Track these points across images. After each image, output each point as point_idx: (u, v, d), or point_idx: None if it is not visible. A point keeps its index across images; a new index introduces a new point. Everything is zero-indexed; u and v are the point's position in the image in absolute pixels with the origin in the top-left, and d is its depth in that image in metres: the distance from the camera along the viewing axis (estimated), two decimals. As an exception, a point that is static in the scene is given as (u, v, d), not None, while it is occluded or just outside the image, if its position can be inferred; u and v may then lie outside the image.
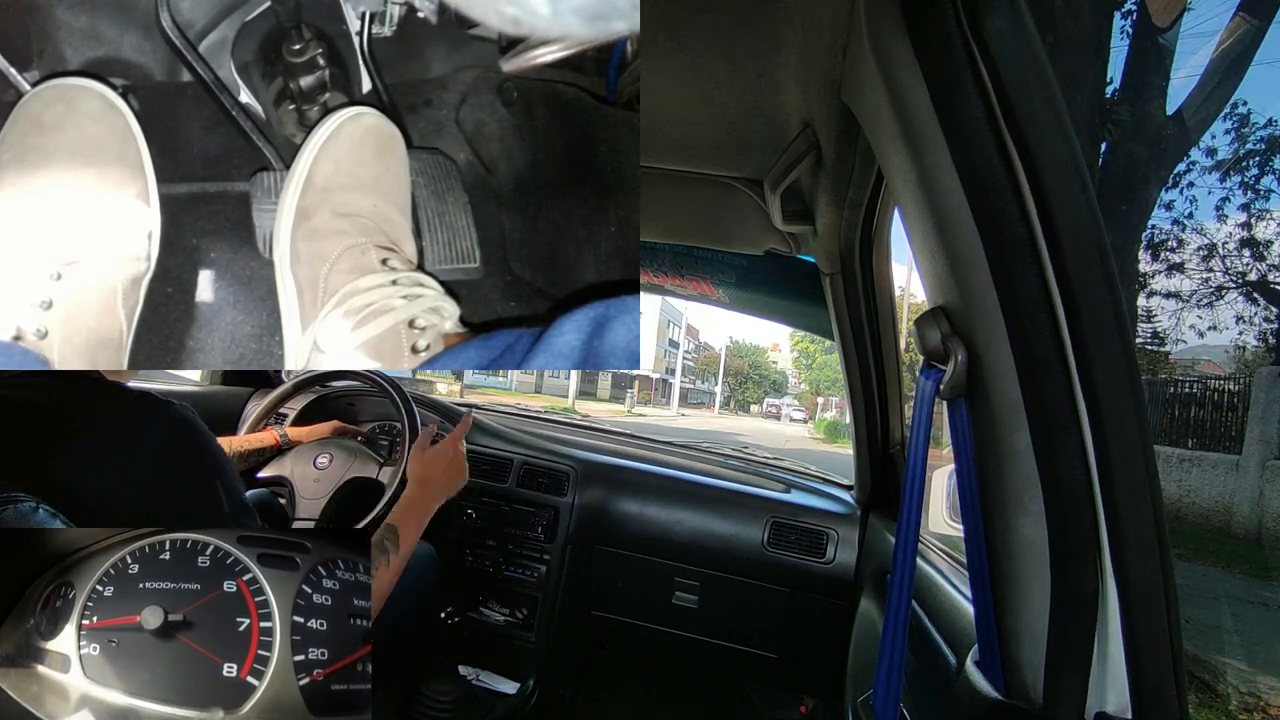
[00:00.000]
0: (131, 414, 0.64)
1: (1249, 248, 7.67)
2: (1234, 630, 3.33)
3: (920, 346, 0.45)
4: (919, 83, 0.41)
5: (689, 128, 0.83)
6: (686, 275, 1.40)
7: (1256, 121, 7.27)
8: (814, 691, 1.53)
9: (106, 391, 0.65)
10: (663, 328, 29.89)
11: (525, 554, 1.41)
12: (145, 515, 0.62)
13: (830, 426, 20.94)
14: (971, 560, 0.45)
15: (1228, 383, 6.54)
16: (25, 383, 0.61)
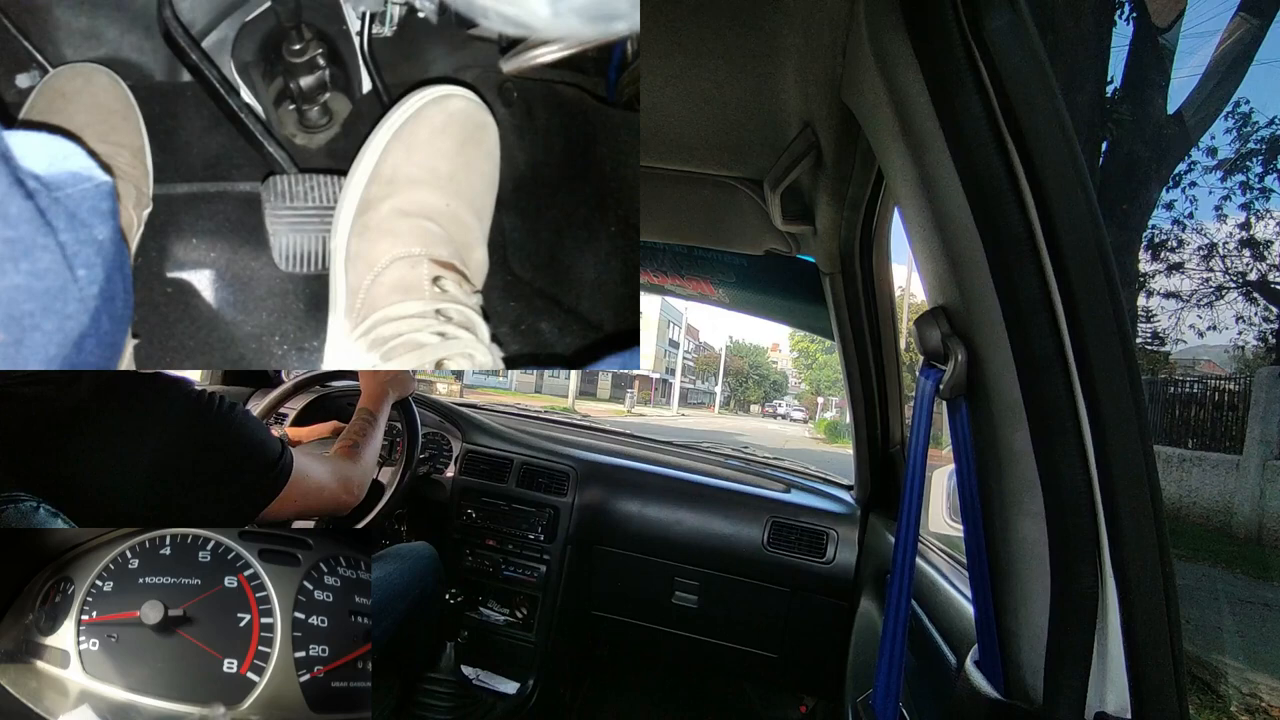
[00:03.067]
0: (143, 394, 0.65)
1: (1249, 247, 7.66)
2: (1235, 631, 3.32)
3: (920, 346, 0.45)
4: (919, 83, 0.41)
5: (689, 128, 0.83)
6: (686, 275, 1.40)
7: (1257, 121, 7.28)
8: (814, 691, 1.53)
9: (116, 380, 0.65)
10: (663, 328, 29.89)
11: (525, 554, 1.41)
12: (175, 493, 0.62)
13: (830, 426, 20.93)
14: (971, 560, 0.45)
15: (1228, 383, 6.53)
16: (25, 381, 0.61)
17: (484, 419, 1.55)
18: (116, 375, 0.65)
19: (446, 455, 1.48)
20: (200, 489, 0.64)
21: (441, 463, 1.47)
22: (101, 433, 0.61)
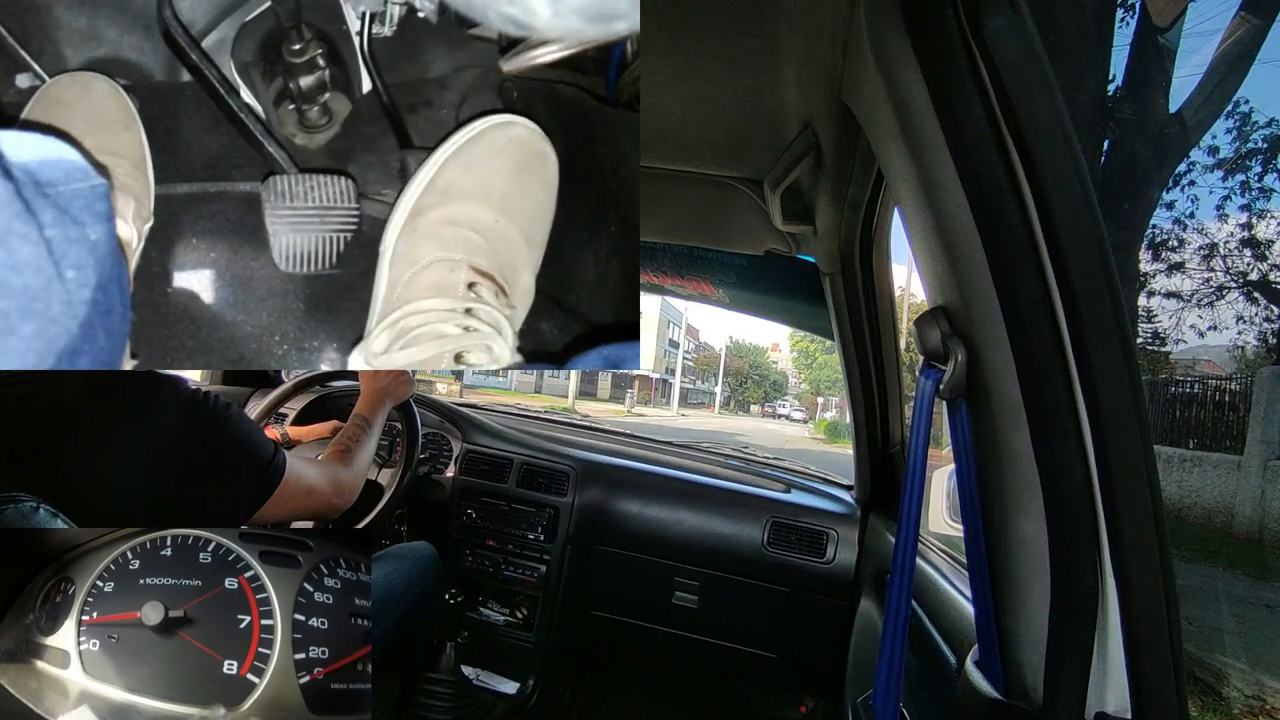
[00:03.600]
0: (140, 392, 0.65)
1: (1250, 247, 7.65)
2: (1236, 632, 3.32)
3: (920, 346, 0.45)
4: (919, 83, 0.41)
5: (689, 128, 0.83)
6: (686, 275, 1.40)
7: (1258, 120, 7.27)
8: (814, 691, 1.53)
9: (113, 379, 0.65)
10: (663, 328, 29.89)
11: (525, 554, 1.41)
12: (169, 490, 0.62)
13: (830, 426, 20.93)
14: (971, 560, 0.45)
15: (1229, 383, 6.53)
16: (25, 380, 0.61)
17: (484, 419, 1.55)
18: (110, 374, 0.65)
19: (446, 455, 1.48)
20: (194, 488, 0.64)
21: (441, 463, 1.47)
22: (94, 432, 0.61)
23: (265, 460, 0.72)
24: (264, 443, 0.73)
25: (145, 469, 0.62)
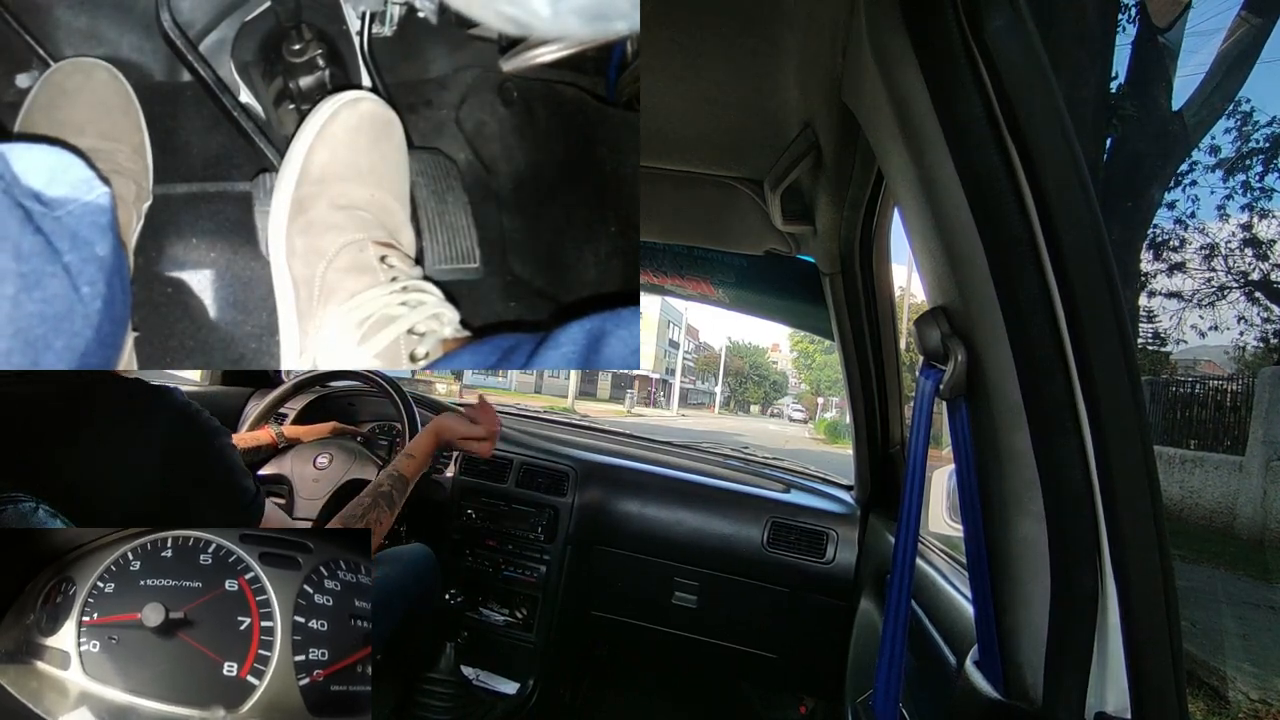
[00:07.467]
0: (130, 404, 0.64)
1: (1251, 247, 7.65)
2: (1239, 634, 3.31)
3: (920, 346, 0.45)
4: (919, 83, 0.41)
5: (689, 128, 0.83)
6: (686, 275, 1.40)
7: (1259, 120, 7.27)
8: (814, 691, 1.53)
9: (105, 385, 0.65)
10: (663, 328, 29.89)
11: (525, 554, 1.41)
12: (149, 507, 0.62)
13: (830, 426, 20.92)
14: (971, 560, 0.45)
15: (1230, 383, 6.52)
16: (24, 380, 0.61)
17: (484, 419, 1.55)
18: (110, 375, 0.65)
19: (446, 455, 1.48)
20: (174, 506, 0.63)
21: (441, 463, 1.47)
22: (85, 437, 0.61)
23: (247, 502, 0.70)
24: (245, 482, 0.70)
25: (129, 476, 0.61)
